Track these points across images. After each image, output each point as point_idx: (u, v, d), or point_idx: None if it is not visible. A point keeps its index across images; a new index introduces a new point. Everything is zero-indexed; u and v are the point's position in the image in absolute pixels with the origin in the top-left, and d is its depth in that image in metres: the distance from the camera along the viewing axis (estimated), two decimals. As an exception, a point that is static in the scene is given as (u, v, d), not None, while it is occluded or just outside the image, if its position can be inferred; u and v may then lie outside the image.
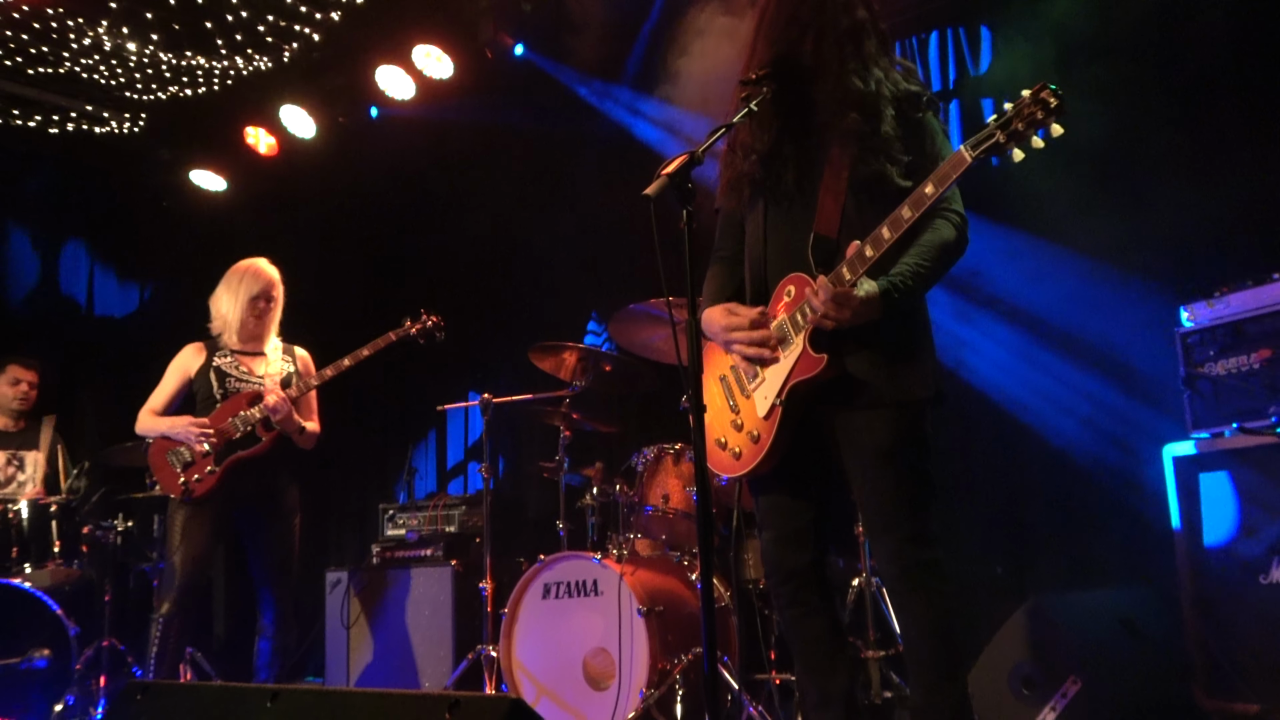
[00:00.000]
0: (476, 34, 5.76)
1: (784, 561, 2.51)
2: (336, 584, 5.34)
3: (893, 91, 2.44)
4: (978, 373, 4.72)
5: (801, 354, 2.36)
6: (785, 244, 2.48)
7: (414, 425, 6.79)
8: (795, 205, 2.48)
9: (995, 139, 2.09)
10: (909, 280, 2.33)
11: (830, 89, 2.43)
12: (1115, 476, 4.28)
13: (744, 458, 2.49)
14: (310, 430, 4.33)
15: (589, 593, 4.13)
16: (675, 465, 4.39)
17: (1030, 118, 2.05)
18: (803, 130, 2.50)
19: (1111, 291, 4.37)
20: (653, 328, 4.38)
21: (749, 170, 2.53)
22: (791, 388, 2.38)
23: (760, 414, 2.45)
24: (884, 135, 2.39)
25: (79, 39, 5.87)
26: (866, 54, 2.47)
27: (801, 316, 2.37)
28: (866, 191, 2.41)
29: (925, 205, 2.20)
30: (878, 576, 4.12)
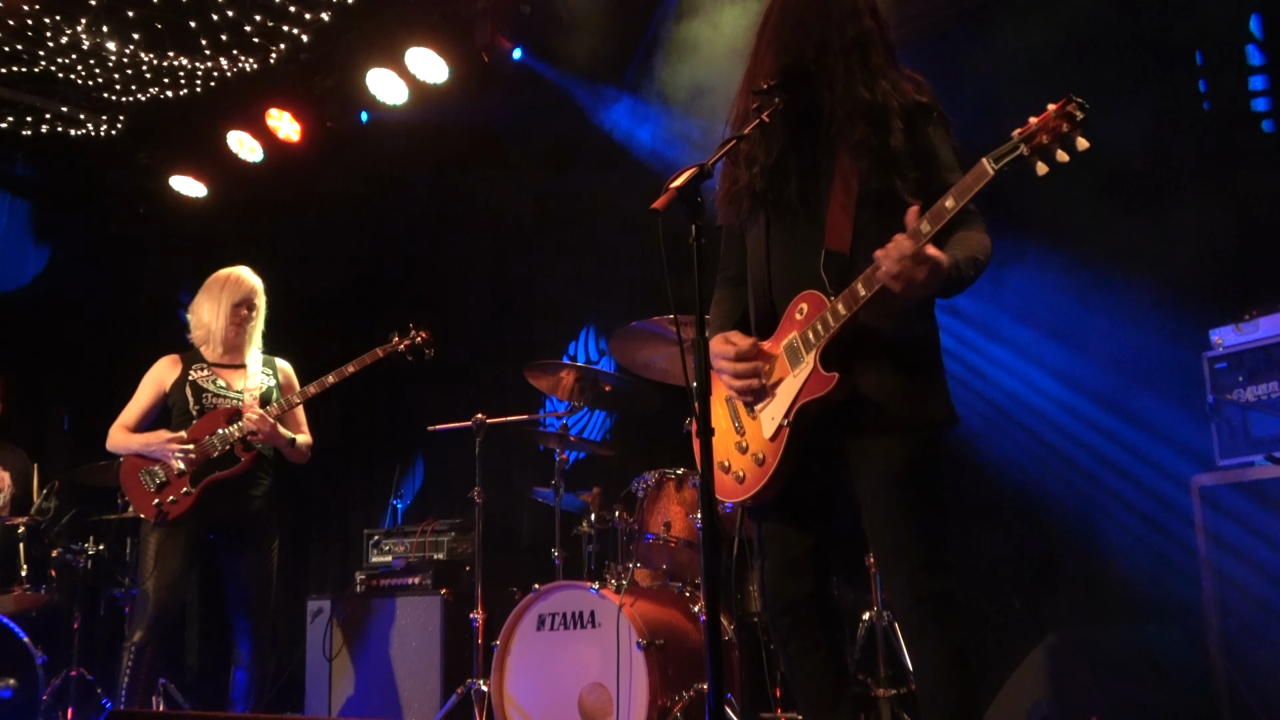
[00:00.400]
0: (473, 37, 5.80)
1: (783, 591, 2.51)
2: (318, 613, 5.33)
3: (901, 103, 2.46)
4: (996, 395, 4.75)
5: (812, 372, 2.38)
6: (792, 260, 2.50)
7: (401, 446, 6.80)
8: (800, 220, 2.50)
9: (1018, 152, 2.12)
10: (966, 265, 2.32)
11: (838, 99, 2.46)
12: (1139, 506, 4.30)
13: (748, 481, 2.50)
14: (302, 441, 4.34)
15: (586, 624, 4.14)
16: (678, 491, 4.40)
17: (1055, 130, 2.08)
18: (809, 142, 2.53)
19: (1136, 313, 4.40)
20: (655, 346, 4.40)
21: (751, 183, 2.55)
22: (800, 408, 2.39)
23: (766, 435, 2.46)
24: (893, 149, 2.41)
25: (56, 37, 5.92)
26: (873, 64, 2.50)
27: (814, 333, 2.39)
28: (876, 207, 2.43)
29: (944, 219, 2.22)
30: (889, 610, 4.13)
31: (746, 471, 2.50)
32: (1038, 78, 4.63)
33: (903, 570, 2.35)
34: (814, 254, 2.43)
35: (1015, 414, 4.74)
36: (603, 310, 6.05)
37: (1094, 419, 4.52)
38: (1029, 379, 4.72)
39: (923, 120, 2.47)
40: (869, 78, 2.47)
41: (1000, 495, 4.68)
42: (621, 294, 5.89)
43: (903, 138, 2.42)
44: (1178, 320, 4.22)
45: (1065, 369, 4.62)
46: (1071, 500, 4.49)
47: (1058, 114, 2.08)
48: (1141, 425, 4.36)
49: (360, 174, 6.90)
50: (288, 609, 6.58)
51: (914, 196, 2.38)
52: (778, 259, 2.52)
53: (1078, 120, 2.06)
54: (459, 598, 5.07)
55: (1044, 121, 2.09)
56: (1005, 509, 4.67)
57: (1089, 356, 4.54)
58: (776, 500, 2.49)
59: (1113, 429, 4.44)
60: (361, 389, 7.43)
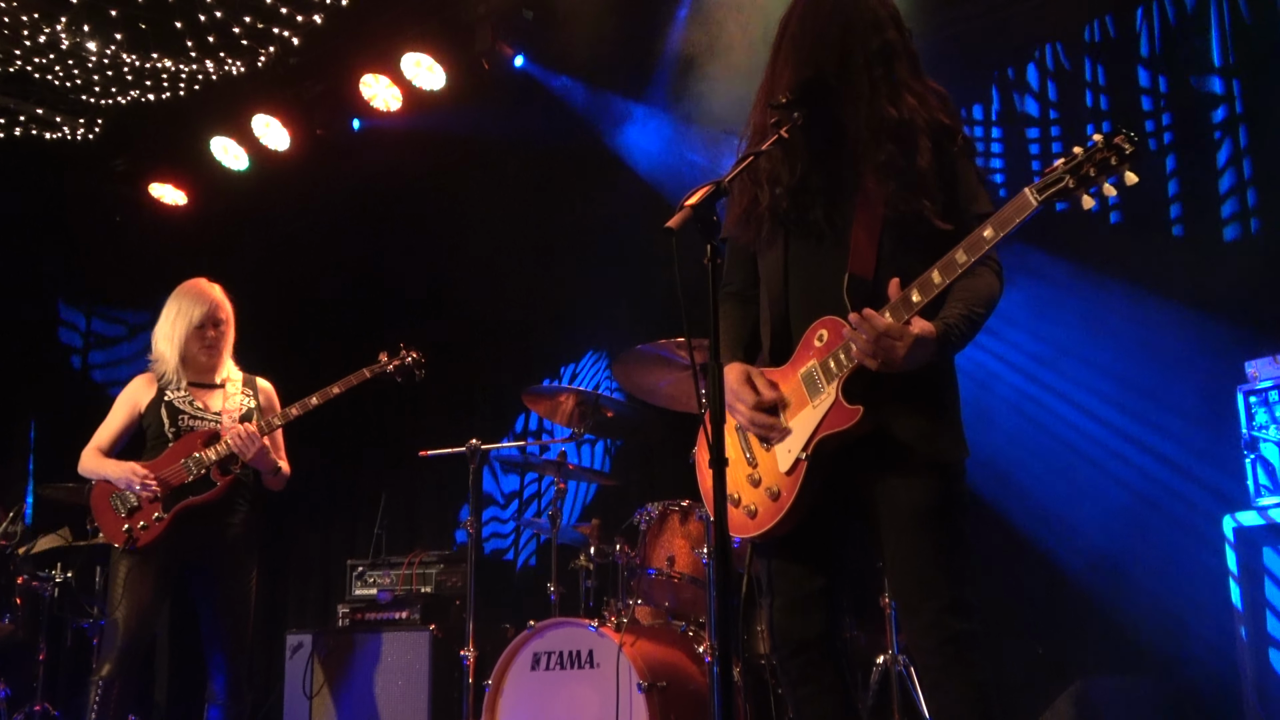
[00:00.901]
0: (473, 42, 5.87)
1: (793, 631, 2.53)
2: (298, 648, 5.34)
3: (927, 120, 2.49)
4: (1021, 430, 4.78)
5: (834, 404, 2.40)
6: (813, 283, 2.53)
7: (389, 472, 6.82)
8: (826, 242, 2.52)
9: (1064, 184, 2.13)
10: (962, 326, 2.37)
11: (863, 116, 2.48)
12: (1170, 548, 4.32)
13: (760, 516, 2.52)
14: (283, 471, 4.34)
15: (583, 664, 4.16)
16: (682, 524, 4.43)
17: (1103, 163, 2.09)
18: (834, 161, 2.55)
19: (1169, 342, 4.44)
20: (661, 371, 4.43)
21: (774, 203, 2.57)
22: (820, 441, 2.42)
23: (782, 468, 2.48)
24: (920, 170, 2.44)
25: (33, 36, 5.98)
26: (899, 78, 2.52)
27: (835, 363, 2.41)
28: (902, 231, 2.46)
29: (983, 249, 2.24)
30: (904, 654, 4.15)
31: (759, 506, 2.51)
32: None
33: (928, 610, 2.37)
34: (837, 278, 2.46)
35: (1040, 452, 4.77)
36: (606, 332, 6.09)
37: (1122, 455, 4.56)
38: (1055, 415, 4.75)
39: (948, 142, 2.51)
40: (894, 93, 2.49)
41: (1024, 536, 4.71)
42: (626, 315, 5.93)
43: (930, 157, 2.45)
44: (1212, 349, 4.26)
45: (1091, 403, 4.66)
46: (1098, 541, 4.52)
47: (1105, 145, 2.10)
48: (1172, 461, 4.39)
49: (351, 184, 6.95)
50: (264, 643, 6.59)
51: (941, 220, 2.42)
52: (798, 282, 2.55)
53: (1127, 154, 2.08)
54: (448, 634, 5.09)
55: (1090, 153, 2.11)
56: (1029, 550, 4.69)
57: (1119, 386, 4.58)
58: (786, 536, 2.51)
59: (1142, 465, 4.47)
60: (346, 409, 7.46)
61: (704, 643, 4.18)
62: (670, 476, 4.96)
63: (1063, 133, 5.01)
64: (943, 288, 2.30)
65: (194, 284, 4.35)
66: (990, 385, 4.87)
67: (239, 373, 4.43)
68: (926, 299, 2.30)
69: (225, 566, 4.22)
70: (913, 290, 2.31)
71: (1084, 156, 2.13)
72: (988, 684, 2.37)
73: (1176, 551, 4.29)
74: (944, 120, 2.51)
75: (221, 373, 4.37)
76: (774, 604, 2.54)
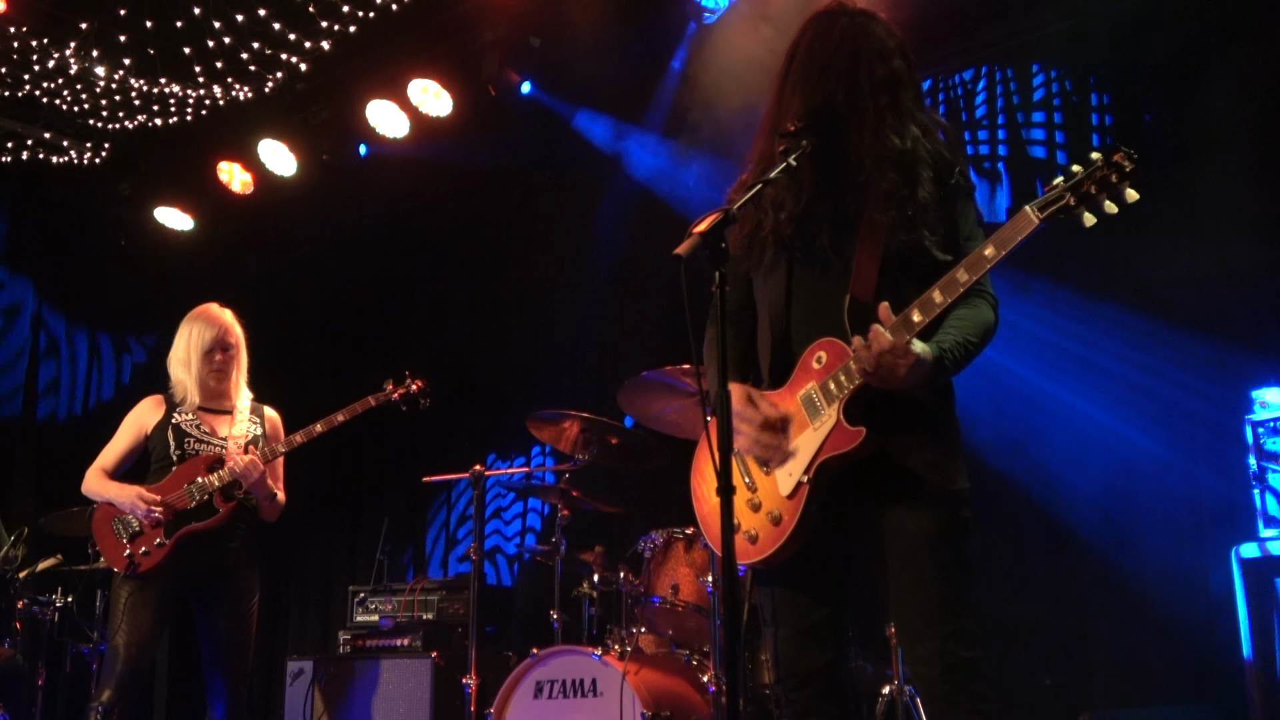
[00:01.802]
0: (480, 69, 5.91)
1: (799, 662, 2.52)
2: (299, 675, 5.32)
3: (930, 151, 2.52)
4: (1029, 460, 4.78)
5: (835, 426, 2.41)
6: (815, 308, 2.54)
7: (391, 498, 6.82)
8: (831, 269, 2.54)
9: (1064, 201, 2.15)
10: (956, 352, 2.39)
11: (868, 145, 2.51)
12: (1178, 579, 4.31)
13: (761, 542, 2.51)
14: (279, 499, 4.34)
15: (587, 693, 4.15)
16: (687, 552, 4.43)
17: (1103, 180, 2.12)
18: (839, 189, 2.57)
19: (1175, 370, 4.44)
20: (666, 398, 4.44)
21: (778, 229, 2.59)
22: (821, 464, 2.42)
23: (783, 492, 2.48)
24: (921, 200, 2.46)
25: (43, 60, 6.04)
26: (903, 108, 2.55)
27: (835, 385, 2.42)
28: (902, 259, 2.48)
29: (984, 268, 2.26)
30: (910, 684, 4.13)
31: (760, 531, 2.50)
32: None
33: (932, 637, 2.37)
34: (838, 302, 2.48)
35: (1046, 479, 4.77)
36: (612, 358, 6.11)
37: (1130, 483, 4.55)
38: (1060, 442, 4.75)
39: (947, 175, 2.53)
40: (899, 122, 2.52)
41: (1029, 565, 4.70)
42: (631, 341, 5.95)
43: (932, 188, 2.47)
44: (1220, 378, 4.26)
45: (1101, 428, 4.65)
46: (1105, 570, 4.51)
47: (1104, 163, 2.13)
48: (1182, 491, 4.38)
49: (357, 210, 6.99)
50: (265, 669, 6.58)
51: (940, 251, 2.44)
52: (800, 307, 2.56)
53: (1127, 171, 2.11)
54: (450, 661, 5.07)
55: (1091, 171, 2.14)
56: (1034, 579, 4.68)
57: (1127, 414, 4.58)
58: (790, 564, 2.51)
59: (1152, 493, 4.46)
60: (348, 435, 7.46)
61: (708, 672, 4.17)
62: (674, 504, 4.94)
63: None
64: (944, 307, 2.31)
65: (204, 309, 4.38)
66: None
67: (249, 399, 4.43)
68: (928, 318, 2.32)
69: (226, 592, 4.20)
70: (913, 310, 2.33)
71: (1084, 174, 2.15)
72: (994, 712, 2.36)
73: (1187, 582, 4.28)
74: (945, 155, 2.55)
75: (233, 398, 4.38)
76: (779, 634, 2.53)
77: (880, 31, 2.61)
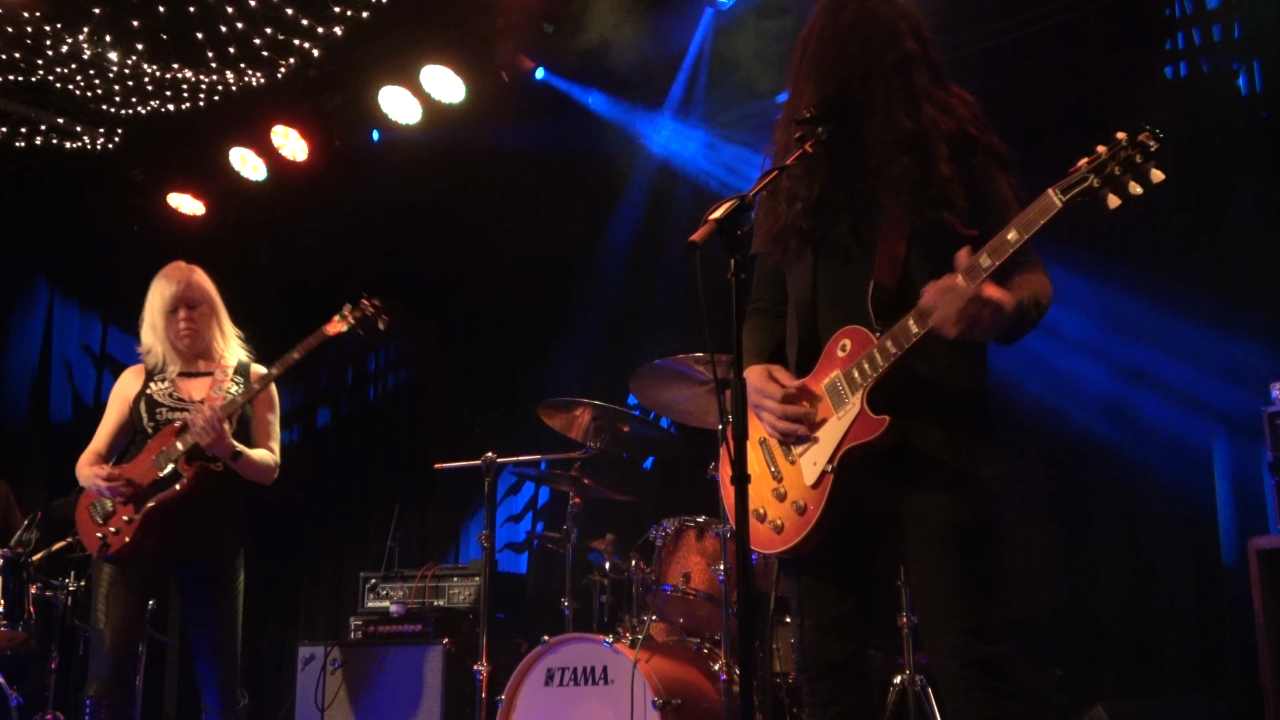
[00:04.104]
0: (493, 55, 5.86)
1: (824, 653, 2.49)
2: (310, 660, 5.31)
3: (949, 129, 2.47)
4: (1042, 445, 4.73)
5: (859, 415, 2.36)
6: (840, 296, 2.50)
7: (402, 484, 6.80)
8: (853, 256, 2.50)
9: (1088, 183, 2.10)
10: (1031, 310, 2.31)
11: (880, 129, 2.46)
12: (1194, 570, 4.28)
13: (786, 532, 2.48)
14: (261, 458, 3.94)
15: (598, 681, 4.12)
16: (698, 541, 4.40)
17: (1127, 161, 2.07)
18: (855, 175, 2.53)
19: (1193, 360, 4.40)
20: (679, 386, 4.41)
21: (794, 220, 2.56)
22: (845, 453, 2.38)
23: (808, 482, 2.44)
24: (940, 178, 2.41)
25: (56, 46, 6.00)
26: (917, 88, 2.50)
27: (859, 373, 2.38)
28: (927, 241, 2.43)
29: (1007, 253, 2.21)
30: (922, 674, 4.11)
31: (785, 520, 2.47)
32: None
33: (952, 632, 2.33)
34: (862, 289, 2.44)
35: (1060, 467, 4.73)
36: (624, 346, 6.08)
37: (1147, 473, 4.50)
38: (1076, 430, 4.71)
39: (969, 151, 2.48)
40: (911, 103, 2.47)
41: (1043, 554, 4.66)
42: (644, 329, 5.92)
43: (950, 166, 2.42)
44: (1239, 369, 4.22)
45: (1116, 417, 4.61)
46: (1120, 561, 4.47)
47: (1129, 143, 2.08)
48: (1199, 482, 4.34)
49: (369, 196, 6.96)
50: (276, 655, 6.57)
51: (966, 229, 2.39)
52: (825, 295, 2.52)
53: (1151, 151, 2.06)
54: (461, 648, 5.05)
55: (1115, 151, 2.09)
56: (1048, 568, 4.64)
57: (1143, 404, 4.54)
58: (816, 554, 2.48)
59: (1168, 484, 4.42)
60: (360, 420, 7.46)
61: (719, 660, 4.14)
62: (686, 492, 4.93)
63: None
64: (1016, 246, 2.21)
65: (168, 267, 4.04)
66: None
67: (237, 359, 4.06)
68: (998, 262, 2.21)
69: (210, 573, 3.91)
70: (983, 254, 2.23)
71: (1108, 155, 2.10)
72: (1016, 709, 2.32)
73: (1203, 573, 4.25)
74: (970, 130, 2.50)
75: (216, 358, 4.03)
76: (804, 624, 2.49)
77: (891, 14, 2.56)
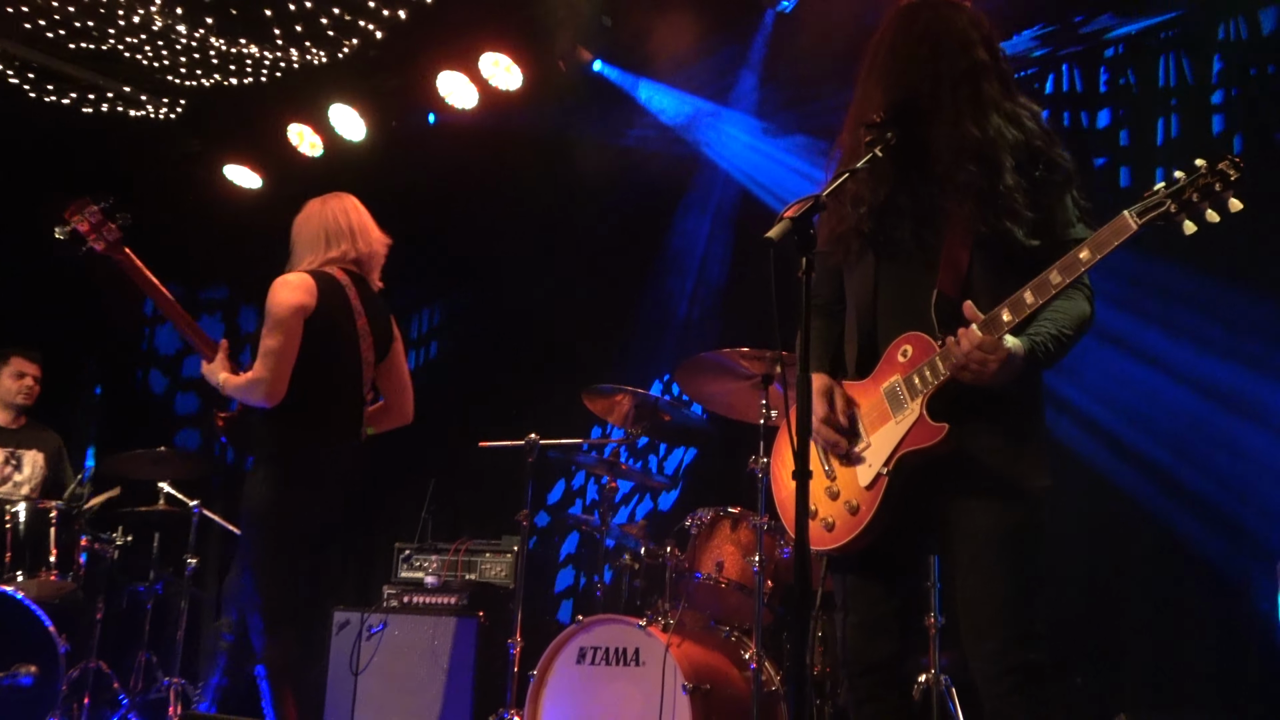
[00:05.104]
0: (551, 45, 5.87)
1: (866, 651, 2.50)
2: (344, 625, 5.33)
3: (1015, 139, 2.45)
4: (1071, 450, 4.69)
5: (918, 421, 2.36)
6: (901, 301, 2.50)
7: (439, 459, 6.80)
8: (915, 261, 2.49)
9: (1165, 208, 2.10)
10: (1050, 345, 2.34)
11: (947, 136, 2.46)
12: (1221, 586, 4.24)
13: (838, 530, 2.48)
14: (232, 383, 3.74)
15: (629, 662, 4.13)
16: (733, 531, 4.39)
17: (1206, 189, 2.06)
18: (920, 181, 2.52)
19: (1227, 376, 4.36)
20: (722, 380, 4.40)
21: (858, 224, 2.55)
22: (901, 457, 2.38)
23: (862, 483, 2.45)
24: (1005, 188, 2.40)
25: (128, 16, 6.03)
26: (986, 98, 2.49)
27: (920, 379, 2.37)
28: (990, 250, 2.42)
29: (1079, 271, 2.21)
30: (946, 675, 4.09)
31: (837, 519, 2.48)
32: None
33: (994, 637, 2.33)
34: (925, 296, 2.43)
35: (1086, 473, 4.68)
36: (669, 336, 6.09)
37: (1174, 483, 4.46)
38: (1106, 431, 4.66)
39: (1034, 164, 2.46)
40: (979, 113, 2.46)
41: (1066, 559, 4.62)
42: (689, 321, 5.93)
43: (1015, 177, 2.41)
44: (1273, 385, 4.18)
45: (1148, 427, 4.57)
46: (1148, 572, 4.44)
47: (1209, 171, 2.07)
48: (1229, 499, 4.30)
49: (422, 177, 6.96)
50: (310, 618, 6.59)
51: (1028, 238, 2.38)
52: (886, 299, 2.52)
53: (1231, 180, 2.05)
54: (495, 622, 5.06)
55: (1194, 179, 2.08)
56: (1071, 574, 4.61)
57: (1177, 417, 4.49)
58: (865, 554, 2.47)
59: (1199, 501, 4.38)
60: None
61: (749, 650, 4.14)
62: (723, 483, 4.92)
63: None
64: (1034, 308, 2.27)
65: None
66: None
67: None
68: (1018, 318, 2.27)
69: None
70: (1003, 309, 2.28)
71: (1187, 181, 2.09)
72: (1052, 718, 2.32)
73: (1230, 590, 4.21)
74: (1034, 143, 2.48)
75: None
76: (849, 620, 2.50)
77: (963, 23, 2.55)
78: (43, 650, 4.38)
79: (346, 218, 4.03)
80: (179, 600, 5.35)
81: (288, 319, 3.68)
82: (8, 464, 5.56)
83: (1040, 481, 2.40)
